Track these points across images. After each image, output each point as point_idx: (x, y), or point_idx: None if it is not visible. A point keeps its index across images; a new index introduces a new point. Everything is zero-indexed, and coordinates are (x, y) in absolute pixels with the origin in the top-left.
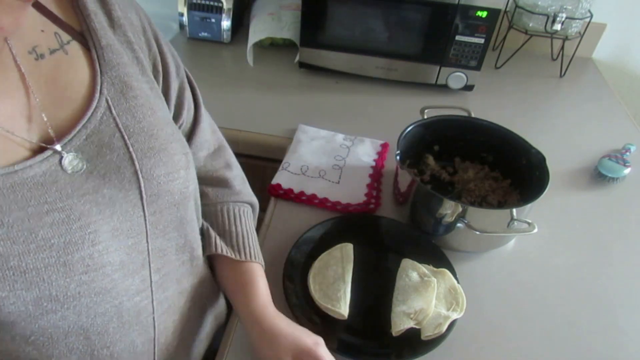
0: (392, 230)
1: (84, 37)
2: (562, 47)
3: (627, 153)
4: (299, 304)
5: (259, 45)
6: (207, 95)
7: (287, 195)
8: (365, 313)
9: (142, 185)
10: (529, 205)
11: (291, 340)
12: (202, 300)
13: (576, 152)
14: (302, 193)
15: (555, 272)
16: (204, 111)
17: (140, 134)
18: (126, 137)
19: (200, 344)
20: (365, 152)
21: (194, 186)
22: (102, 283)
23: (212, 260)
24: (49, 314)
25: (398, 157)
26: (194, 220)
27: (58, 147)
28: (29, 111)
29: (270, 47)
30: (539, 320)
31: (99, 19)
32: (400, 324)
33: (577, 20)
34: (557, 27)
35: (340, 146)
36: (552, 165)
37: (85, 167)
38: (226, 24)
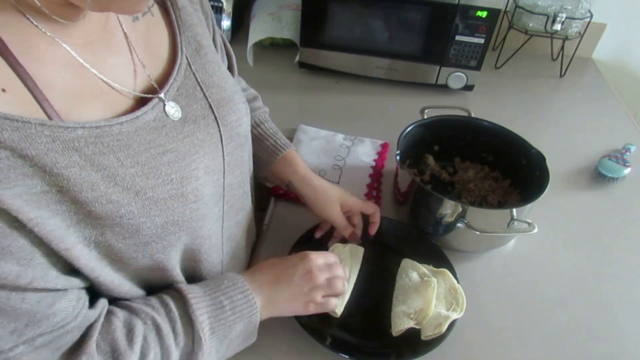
0: (392, 230)
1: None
2: (562, 47)
3: (627, 153)
4: None
5: (259, 45)
6: None
7: (288, 196)
8: (365, 313)
9: (221, 129)
10: (529, 205)
11: (337, 191)
12: (245, 232)
13: (576, 152)
14: None
15: (555, 272)
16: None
17: (213, 87)
18: (204, 89)
19: (243, 266)
20: (365, 152)
21: (250, 130)
22: (203, 210)
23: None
24: (171, 235)
25: (398, 157)
26: (249, 161)
27: (162, 95)
28: (134, 66)
29: (270, 47)
30: (539, 320)
31: None
32: (400, 324)
33: (577, 20)
34: (557, 27)
35: (340, 146)
36: (552, 165)
37: (181, 114)
38: (226, 24)
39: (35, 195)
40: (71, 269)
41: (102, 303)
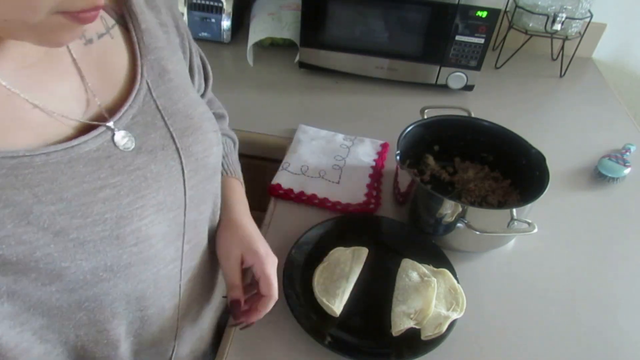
0: (392, 230)
1: (124, 20)
2: (562, 47)
3: (627, 153)
4: (299, 303)
5: (259, 45)
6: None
7: (287, 195)
8: (365, 313)
9: (183, 161)
10: (529, 205)
11: (248, 237)
12: (216, 269)
13: (576, 152)
14: (302, 193)
15: (555, 272)
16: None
17: (177, 114)
18: (165, 117)
19: (212, 311)
20: (365, 152)
21: (221, 162)
22: (148, 253)
23: None
24: (103, 282)
25: (398, 157)
26: (219, 193)
27: (110, 123)
28: (83, 94)
29: (270, 47)
30: (539, 320)
31: (138, 1)
32: (400, 324)
33: (577, 20)
34: (557, 27)
35: (340, 146)
36: (552, 165)
37: (134, 144)
38: (226, 24)
39: None
40: None
41: None
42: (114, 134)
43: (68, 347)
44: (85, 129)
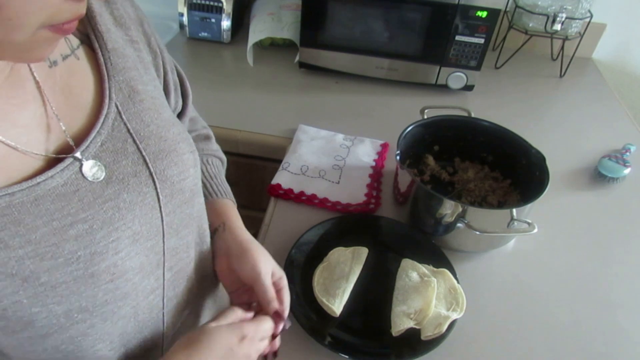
0: (392, 230)
1: (90, 39)
2: (562, 47)
3: (627, 153)
4: (299, 303)
5: (259, 45)
6: (207, 95)
7: (287, 195)
8: (365, 313)
9: (158, 186)
10: (529, 205)
11: (268, 255)
12: (205, 294)
13: (576, 152)
14: (302, 193)
15: (555, 272)
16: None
17: (150, 137)
18: (137, 141)
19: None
20: (365, 152)
21: (200, 183)
22: (125, 288)
23: None
24: (79, 323)
25: (398, 157)
26: (203, 216)
27: (78, 154)
28: (47, 120)
29: (270, 47)
30: (539, 320)
31: (104, 19)
32: (400, 324)
33: (577, 20)
34: (557, 27)
35: (340, 146)
36: (552, 165)
37: (104, 173)
38: (226, 24)
39: None
40: None
41: None
42: (81, 165)
43: None
44: (51, 161)
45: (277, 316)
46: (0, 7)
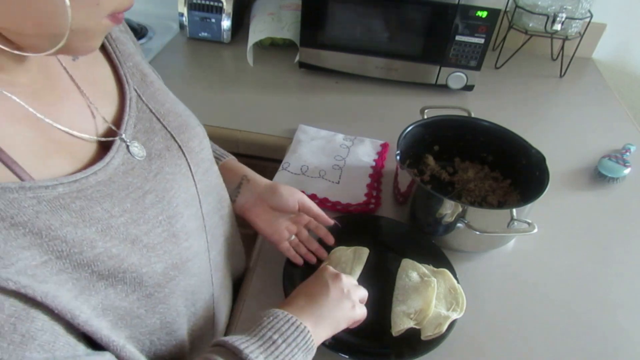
0: (392, 230)
1: None
2: (562, 47)
3: (627, 153)
4: None
5: (259, 45)
6: (207, 95)
7: None
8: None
9: (187, 157)
10: (529, 205)
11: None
12: (230, 258)
13: (576, 152)
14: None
15: (555, 272)
16: None
17: (168, 115)
18: (160, 119)
19: (229, 296)
20: (365, 152)
21: (212, 153)
22: (194, 247)
23: None
24: (172, 281)
25: (398, 157)
26: (220, 183)
27: (123, 136)
28: (87, 110)
29: (270, 47)
30: (539, 320)
31: None
32: (400, 324)
33: (577, 20)
34: (557, 27)
35: (340, 146)
36: (552, 165)
37: (144, 152)
38: (226, 24)
39: (37, 268)
40: (95, 344)
41: None
42: (127, 146)
43: (144, 354)
44: (101, 144)
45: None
46: None
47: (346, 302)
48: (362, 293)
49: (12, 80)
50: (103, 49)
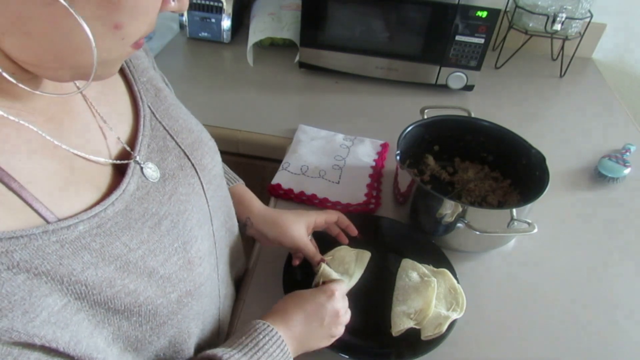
0: (392, 230)
1: None
2: (562, 47)
3: (627, 153)
4: None
5: (259, 45)
6: (207, 95)
7: (287, 195)
8: (365, 313)
9: (200, 175)
10: (529, 205)
11: (297, 214)
12: (233, 266)
13: (576, 152)
14: (302, 193)
15: (555, 272)
16: None
17: (181, 131)
18: (174, 136)
19: (232, 300)
20: (365, 152)
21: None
22: (207, 270)
23: None
24: (184, 307)
25: (398, 157)
26: (228, 197)
27: (138, 158)
28: (100, 129)
29: (270, 47)
30: (539, 320)
31: None
32: (400, 324)
33: (577, 20)
34: (557, 27)
35: (340, 146)
36: (552, 165)
37: (158, 173)
38: (226, 24)
39: (59, 313)
40: None
41: None
42: (142, 168)
43: None
44: (116, 168)
45: (320, 261)
46: (122, 26)
47: (330, 337)
48: (347, 319)
49: (29, 108)
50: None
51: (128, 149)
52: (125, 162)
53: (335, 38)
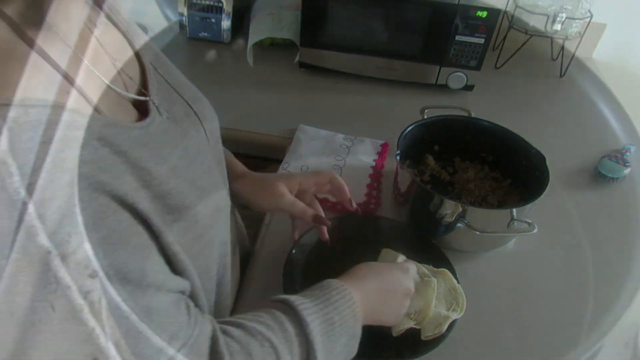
0: (392, 230)
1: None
2: (562, 47)
3: (627, 153)
4: None
5: (259, 45)
6: (207, 95)
7: None
8: None
9: (204, 125)
10: (529, 205)
11: (277, 175)
12: (235, 234)
13: (576, 152)
14: None
15: (555, 272)
16: None
17: (182, 86)
18: (177, 89)
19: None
20: (365, 152)
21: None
22: (224, 199)
23: None
24: (216, 223)
25: (398, 157)
26: (222, 156)
27: (153, 98)
28: (114, 67)
29: (270, 47)
30: (539, 320)
31: None
32: (400, 324)
33: (577, 20)
34: (557, 27)
35: (340, 146)
36: (552, 165)
37: (168, 116)
38: (226, 24)
39: (136, 191)
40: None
41: (209, 316)
42: (157, 107)
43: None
44: (135, 104)
45: (317, 219)
46: None
47: (400, 313)
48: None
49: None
50: (117, 28)
51: (143, 89)
52: (144, 98)
53: (335, 38)
